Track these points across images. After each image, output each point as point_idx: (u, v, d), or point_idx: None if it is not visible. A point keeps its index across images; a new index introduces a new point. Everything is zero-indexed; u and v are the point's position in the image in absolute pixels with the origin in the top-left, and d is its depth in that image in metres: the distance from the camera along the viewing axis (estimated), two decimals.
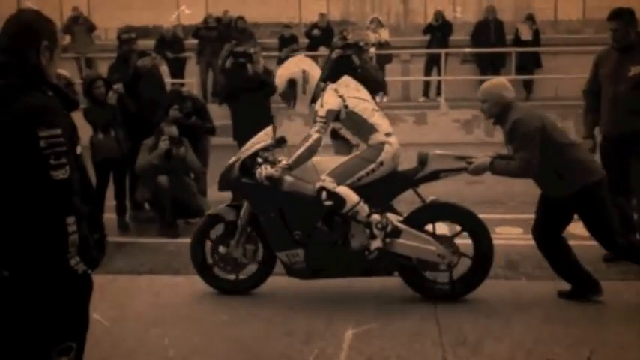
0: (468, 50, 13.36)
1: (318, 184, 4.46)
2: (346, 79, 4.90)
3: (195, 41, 13.43)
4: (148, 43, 11.62)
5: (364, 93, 4.84)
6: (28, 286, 2.34)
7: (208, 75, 13.24)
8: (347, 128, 4.76)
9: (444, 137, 10.77)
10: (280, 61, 12.95)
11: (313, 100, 4.69)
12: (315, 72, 4.77)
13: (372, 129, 4.61)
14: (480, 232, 4.59)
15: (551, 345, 3.93)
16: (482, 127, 11.16)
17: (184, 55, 13.32)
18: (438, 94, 12.84)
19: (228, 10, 13.99)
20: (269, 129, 4.93)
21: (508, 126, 4.36)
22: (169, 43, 13.02)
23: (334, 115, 4.58)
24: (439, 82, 12.92)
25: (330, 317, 4.39)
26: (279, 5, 15.74)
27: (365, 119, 4.62)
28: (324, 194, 4.42)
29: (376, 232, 4.46)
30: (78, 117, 3.49)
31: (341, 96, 4.62)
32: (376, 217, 4.47)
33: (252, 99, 6.92)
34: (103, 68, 8.49)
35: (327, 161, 4.67)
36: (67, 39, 13.32)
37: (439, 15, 13.47)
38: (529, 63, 13.02)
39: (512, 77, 12.74)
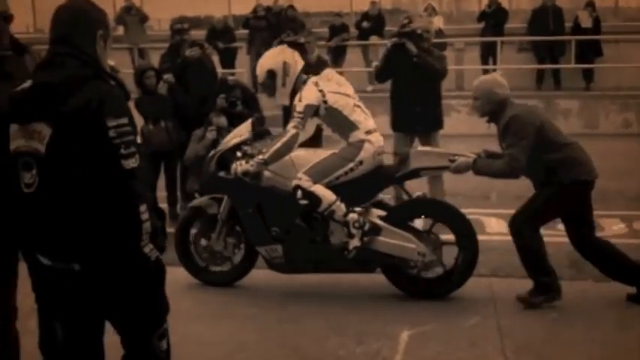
0: (524, 38, 12.92)
1: (294, 182, 4.36)
2: (328, 73, 4.81)
3: (246, 31, 13.36)
4: (199, 34, 11.60)
5: (346, 88, 4.69)
6: (106, 279, 2.32)
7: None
8: (327, 125, 4.66)
9: None
10: (330, 50, 12.81)
11: (294, 92, 4.54)
12: (296, 64, 4.63)
13: (352, 126, 4.47)
14: (463, 229, 4.45)
15: (623, 353, 3.68)
16: None
17: (235, 45, 13.26)
18: None
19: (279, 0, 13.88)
20: (248, 122, 4.82)
21: (503, 122, 4.19)
22: (220, 33, 12.99)
23: (313, 111, 4.45)
24: (494, 71, 12.54)
25: (384, 317, 4.23)
26: None
27: (345, 116, 4.48)
28: (299, 193, 4.33)
29: (353, 231, 4.35)
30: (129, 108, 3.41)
31: (321, 90, 4.47)
32: (353, 215, 4.36)
33: None
34: (156, 59, 8.49)
35: (307, 156, 4.55)
36: (120, 29, 13.41)
37: (493, 1, 13.06)
38: (589, 52, 12.50)
39: (571, 66, 12.33)
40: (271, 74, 4.58)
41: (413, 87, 5.86)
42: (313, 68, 6.79)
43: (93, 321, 2.47)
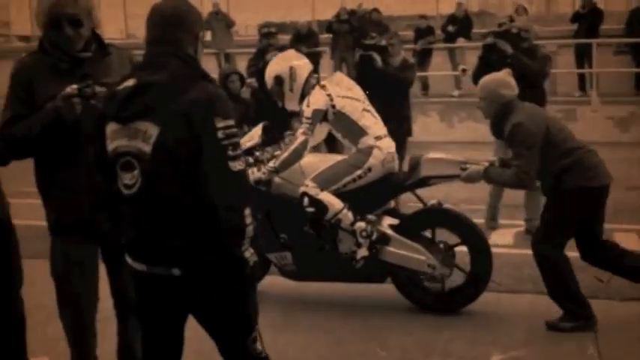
0: (622, 40, 12.24)
1: (301, 189, 4.24)
2: (339, 77, 4.68)
3: (330, 35, 13.30)
4: (284, 39, 11.63)
5: (356, 92, 4.52)
6: (206, 284, 2.26)
7: (342, 69, 13.07)
8: (336, 130, 4.49)
9: (595, 135, 9.83)
10: (416, 53, 12.56)
11: (303, 98, 4.39)
12: (304, 68, 4.46)
13: (361, 131, 4.34)
14: (477, 244, 4.26)
15: None
16: None
17: (319, 49, 13.22)
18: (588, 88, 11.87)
19: (363, 3, 13.75)
20: (258, 127, 4.67)
21: (508, 128, 3.96)
22: (304, 37, 12.97)
23: (321, 116, 4.31)
24: (589, 75, 11.94)
25: (473, 338, 3.98)
26: None
27: (354, 121, 4.34)
28: (306, 200, 4.21)
29: (361, 240, 4.22)
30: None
31: (329, 95, 4.32)
32: (361, 224, 4.22)
33: (384, 93, 6.51)
34: (241, 64, 8.52)
35: (316, 162, 4.41)
36: (208, 34, 13.62)
37: (587, 2, 12.44)
38: None
39: None
40: (279, 80, 4.47)
41: None
42: (399, 71, 6.63)
43: (181, 327, 2.43)
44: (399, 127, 5.88)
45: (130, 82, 2.24)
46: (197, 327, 2.42)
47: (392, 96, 6.41)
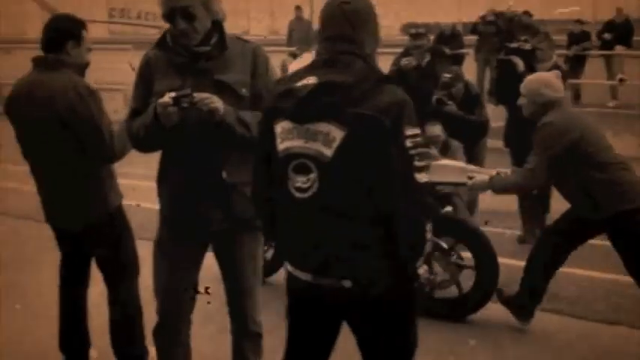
0: None
1: None
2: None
3: (474, 37, 12.88)
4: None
5: None
6: (377, 299, 2.11)
7: (485, 72, 12.62)
8: None
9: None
10: (568, 59, 11.78)
11: None
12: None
13: None
14: (482, 251, 4.08)
15: None
16: None
17: (463, 51, 12.81)
18: None
19: (512, 5, 13.16)
20: None
21: (538, 126, 3.75)
22: (448, 38, 12.62)
23: None
24: None
25: None
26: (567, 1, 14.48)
27: None
28: None
29: None
30: None
31: None
32: None
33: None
34: (382, 64, 8.33)
35: None
36: None
37: None
38: None
39: None
40: None
41: None
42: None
43: (331, 346, 2.30)
44: None
45: (311, 80, 2.05)
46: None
47: None
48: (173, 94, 2.41)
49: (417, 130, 2.04)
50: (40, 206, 3.28)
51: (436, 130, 5.14)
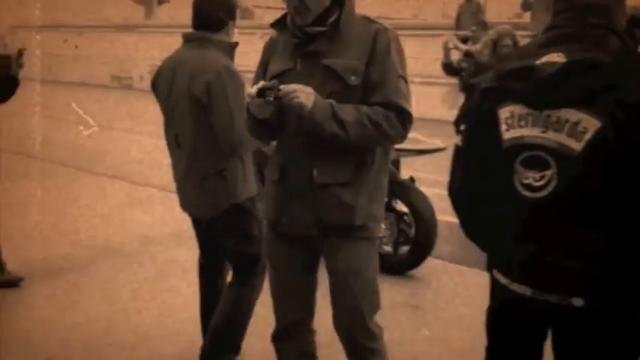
0: None
1: None
2: None
3: None
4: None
5: None
6: (612, 325, 1.76)
7: None
8: None
9: None
10: None
11: None
12: None
13: None
14: (419, 206, 4.41)
15: None
16: None
17: None
18: None
19: None
20: None
21: None
22: None
23: None
24: None
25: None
26: None
27: None
28: None
29: None
30: None
31: None
32: None
33: None
34: None
35: None
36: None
37: None
38: None
39: None
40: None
41: None
42: None
43: None
44: None
45: (556, 58, 1.73)
46: None
47: None
48: (260, 85, 2.23)
49: None
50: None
51: None
